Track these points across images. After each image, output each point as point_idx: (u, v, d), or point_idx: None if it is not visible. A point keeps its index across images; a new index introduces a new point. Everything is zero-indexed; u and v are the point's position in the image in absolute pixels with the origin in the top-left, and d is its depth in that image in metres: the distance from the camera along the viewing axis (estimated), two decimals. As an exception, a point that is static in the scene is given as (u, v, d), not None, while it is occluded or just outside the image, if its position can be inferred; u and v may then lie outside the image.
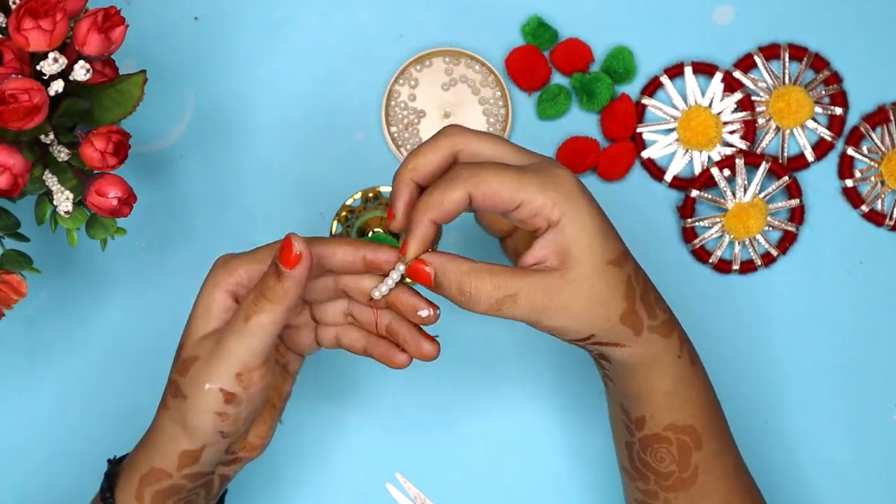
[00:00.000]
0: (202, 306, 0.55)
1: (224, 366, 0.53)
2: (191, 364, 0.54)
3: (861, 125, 0.74)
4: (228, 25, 0.74)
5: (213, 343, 0.53)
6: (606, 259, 0.53)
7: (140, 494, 0.55)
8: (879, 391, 0.74)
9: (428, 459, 0.73)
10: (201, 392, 0.53)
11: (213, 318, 0.54)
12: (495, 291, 0.52)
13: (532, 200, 0.52)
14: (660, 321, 0.56)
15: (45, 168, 0.59)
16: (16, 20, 0.53)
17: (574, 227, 0.52)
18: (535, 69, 0.73)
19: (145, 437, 0.57)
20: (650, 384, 0.57)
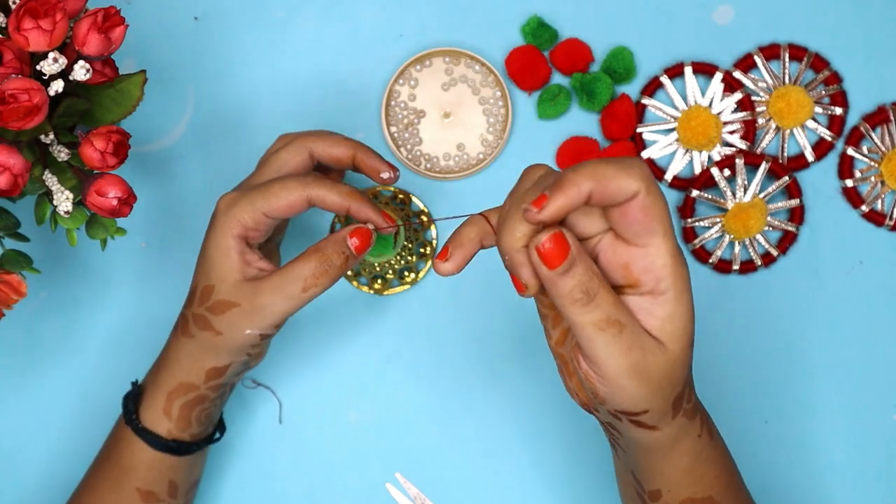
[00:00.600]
0: (221, 250, 0.60)
1: (269, 319, 0.60)
2: (228, 308, 0.60)
3: (861, 125, 0.74)
4: (228, 25, 0.74)
5: (255, 293, 0.59)
6: (691, 342, 0.50)
7: (168, 408, 0.62)
8: (880, 391, 0.74)
9: (428, 459, 0.73)
10: (240, 334, 0.60)
11: (236, 262, 0.60)
12: (612, 310, 0.47)
13: (657, 257, 0.47)
14: (692, 404, 0.53)
15: (44, 168, 0.59)
16: (16, 20, 0.53)
17: (679, 308, 0.48)
18: (535, 69, 0.73)
19: (162, 361, 0.64)
20: (668, 462, 0.54)
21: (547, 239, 0.45)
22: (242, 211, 0.60)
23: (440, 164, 0.74)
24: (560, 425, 0.73)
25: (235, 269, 0.60)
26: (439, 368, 0.74)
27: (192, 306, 0.62)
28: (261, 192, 0.60)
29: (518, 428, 0.73)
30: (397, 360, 0.74)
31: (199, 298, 0.61)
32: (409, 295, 0.74)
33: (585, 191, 0.45)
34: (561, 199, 0.45)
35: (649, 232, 0.46)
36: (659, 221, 0.46)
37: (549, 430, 0.73)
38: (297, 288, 0.59)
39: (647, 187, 0.45)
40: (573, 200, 0.45)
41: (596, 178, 0.45)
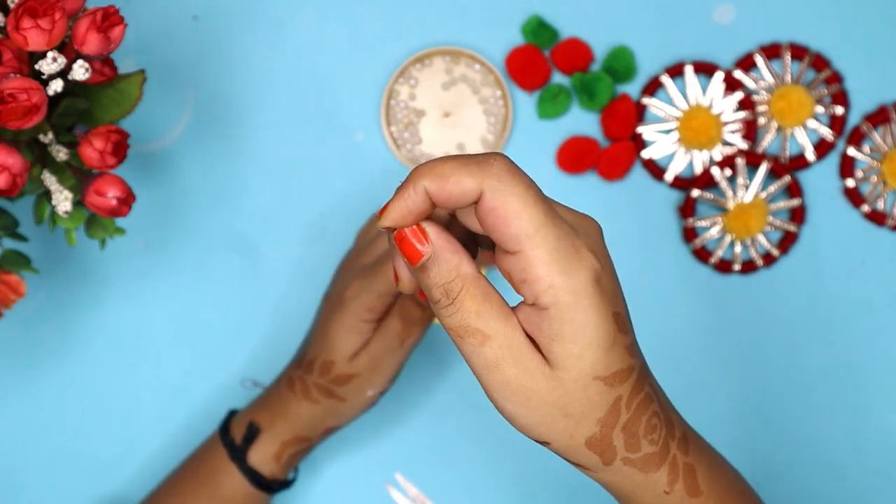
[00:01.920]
0: (348, 330, 0.65)
1: (384, 378, 0.66)
2: (350, 379, 0.65)
3: (862, 125, 0.74)
4: (228, 25, 0.74)
5: (369, 360, 0.65)
6: (596, 374, 0.43)
7: (279, 454, 0.67)
8: (880, 391, 0.74)
9: (428, 460, 0.73)
10: (364, 397, 0.66)
11: (356, 342, 0.65)
12: (473, 318, 0.43)
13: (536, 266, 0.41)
14: (642, 454, 0.45)
15: (43, 168, 0.58)
16: (14, 19, 0.53)
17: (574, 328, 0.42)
18: (536, 69, 0.73)
19: (281, 411, 0.67)
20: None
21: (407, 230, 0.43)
22: (367, 298, 0.64)
23: (440, 164, 0.74)
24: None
25: (356, 348, 0.65)
26: (440, 368, 0.74)
27: (312, 375, 0.66)
28: (381, 275, 0.64)
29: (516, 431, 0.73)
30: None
31: (318, 370, 0.66)
32: (409, 295, 0.74)
33: (420, 191, 0.42)
34: (395, 203, 0.42)
35: (510, 237, 0.41)
36: (518, 222, 0.41)
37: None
38: (395, 341, 0.65)
39: (491, 185, 0.41)
40: (408, 203, 0.42)
41: (433, 178, 0.42)
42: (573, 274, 0.41)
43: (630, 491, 0.46)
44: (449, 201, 0.42)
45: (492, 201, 0.41)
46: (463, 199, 0.42)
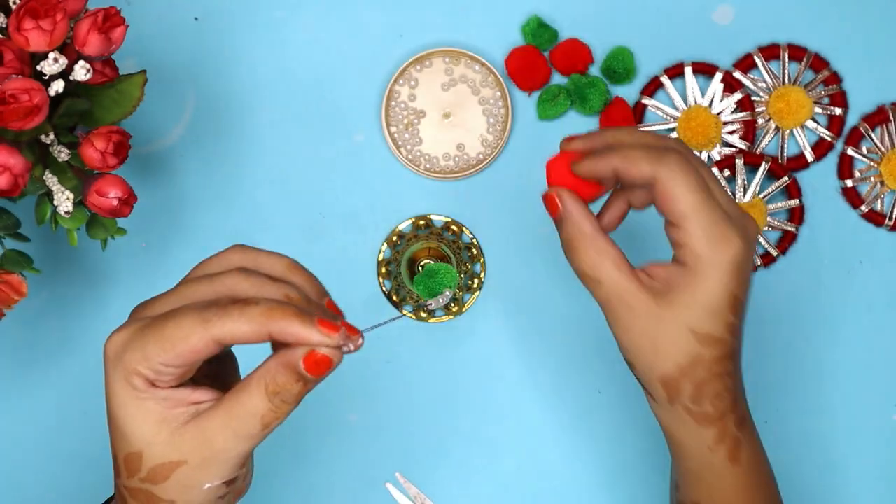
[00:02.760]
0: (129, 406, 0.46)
1: (229, 464, 0.46)
2: (171, 470, 0.46)
3: (861, 125, 0.74)
4: (228, 25, 0.74)
5: (201, 443, 0.45)
6: (691, 326, 0.52)
7: None
8: (880, 391, 0.74)
9: (428, 459, 0.73)
10: (199, 492, 0.47)
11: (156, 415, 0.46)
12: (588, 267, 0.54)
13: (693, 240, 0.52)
14: (701, 410, 0.54)
15: (45, 168, 0.59)
16: (16, 20, 0.53)
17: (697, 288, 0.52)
18: (535, 69, 0.73)
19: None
20: (679, 455, 0.56)
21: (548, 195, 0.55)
22: (135, 361, 0.45)
23: (440, 164, 0.74)
24: (560, 424, 0.73)
25: (163, 423, 0.46)
26: (441, 367, 0.74)
27: (121, 478, 0.48)
28: (155, 335, 0.45)
29: (518, 427, 0.73)
30: (397, 360, 0.74)
31: (125, 470, 0.47)
32: (409, 295, 0.74)
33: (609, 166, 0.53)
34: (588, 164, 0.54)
35: (673, 214, 0.52)
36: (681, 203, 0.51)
37: (549, 430, 0.73)
38: (255, 426, 0.45)
39: (665, 174, 0.51)
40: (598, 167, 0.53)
41: (623, 159, 0.52)
42: (715, 249, 0.51)
43: (682, 436, 0.55)
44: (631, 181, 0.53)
45: (663, 187, 0.52)
46: (641, 181, 0.52)
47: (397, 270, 0.73)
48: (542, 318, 0.74)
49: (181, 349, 0.44)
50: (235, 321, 0.43)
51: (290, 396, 0.45)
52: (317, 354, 0.44)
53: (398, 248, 0.73)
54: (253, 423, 0.45)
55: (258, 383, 0.45)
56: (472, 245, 0.74)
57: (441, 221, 0.74)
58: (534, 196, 0.74)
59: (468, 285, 0.73)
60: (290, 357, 0.45)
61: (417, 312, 0.73)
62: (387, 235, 0.73)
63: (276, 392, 0.45)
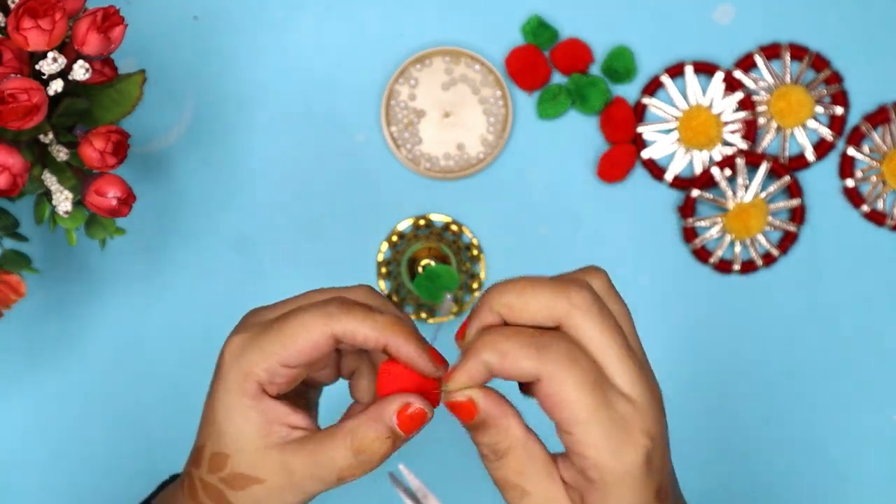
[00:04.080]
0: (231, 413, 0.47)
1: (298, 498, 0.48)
2: (249, 483, 0.47)
3: (862, 125, 0.74)
4: (228, 25, 0.74)
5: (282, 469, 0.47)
6: None
7: None
8: (880, 391, 0.74)
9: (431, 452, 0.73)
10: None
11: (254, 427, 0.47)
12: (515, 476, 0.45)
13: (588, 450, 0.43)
14: None
15: (44, 168, 0.59)
16: (15, 20, 0.53)
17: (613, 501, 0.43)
18: (536, 69, 0.73)
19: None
20: None
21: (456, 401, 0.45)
22: (253, 362, 0.46)
23: (440, 164, 0.74)
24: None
25: (257, 436, 0.47)
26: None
27: (200, 470, 0.49)
28: (275, 333, 0.46)
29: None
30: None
31: (208, 464, 0.48)
32: (410, 295, 0.74)
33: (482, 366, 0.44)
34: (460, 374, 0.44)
35: (563, 421, 0.43)
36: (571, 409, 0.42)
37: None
38: (332, 477, 0.47)
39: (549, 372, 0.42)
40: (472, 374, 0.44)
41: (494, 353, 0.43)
42: (621, 457, 0.42)
43: None
44: (509, 377, 0.43)
45: (548, 388, 0.42)
46: (522, 378, 0.43)
47: (397, 270, 0.73)
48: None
49: (302, 345, 0.45)
50: (359, 322, 0.46)
51: (374, 455, 0.46)
52: (413, 409, 0.46)
53: (398, 247, 0.73)
54: (330, 474, 0.46)
55: (343, 439, 0.46)
56: (473, 245, 0.73)
57: (441, 222, 0.73)
58: (534, 196, 0.74)
59: (468, 285, 0.73)
60: (383, 411, 0.46)
61: (418, 313, 0.73)
62: (387, 235, 0.73)
63: (361, 450, 0.46)
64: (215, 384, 0.48)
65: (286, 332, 0.46)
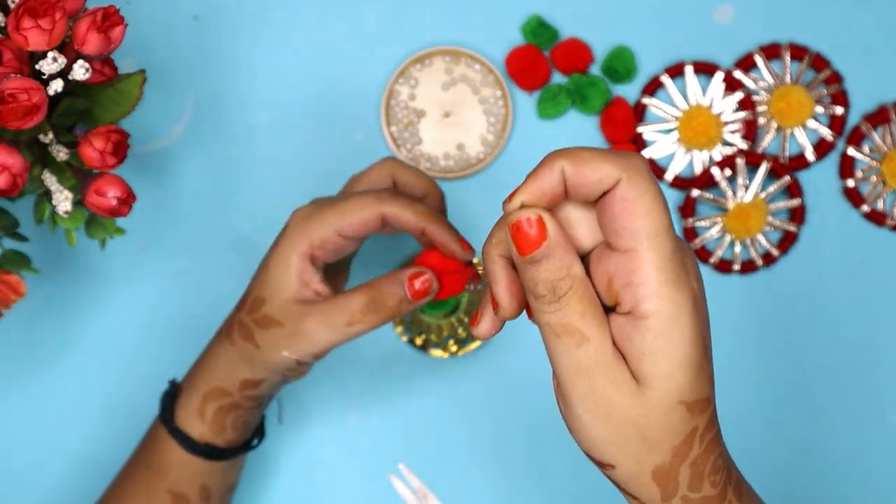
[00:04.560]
0: (282, 265, 0.58)
1: (309, 347, 0.57)
2: (272, 325, 0.58)
3: (862, 125, 0.74)
4: (228, 25, 0.74)
5: (301, 317, 0.57)
6: (682, 398, 0.40)
7: (202, 410, 0.61)
8: (880, 392, 0.74)
9: (432, 451, 0.73)
10: (277, 354, 0.58)
11: (293, 280, 0.58)
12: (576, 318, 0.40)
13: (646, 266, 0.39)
14: (701, 496, 0.43)
15: (44, 168, 0.59)
16: (15, 19, 0.53)
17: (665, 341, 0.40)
18: (536, 69, 0.73)
19: (202, 361, 0.62)
20: None
21: (524, 219, 0.40)
22: (313, 228, 0.58)
23: (440, 164, 0.74)
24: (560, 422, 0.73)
25: (291, 288, 0.58)
26: (441, 365, 0.74)
27: (241, 312, 0.60)
28: (335, 207, 0.58)
29: (518, 424, 0.73)
30: (398, 360, 0.74)
31: (249, 306, 0.59)
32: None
33: (557, 172, 0.40)
34: (530, 182, 0.40)
35: (631, 232, 0.39)
36: (644, 219, 0.39)
37: (552, 425, 0.73)
38: (342, 320, 0.57)
39: (630, 177, 0.39)
40: (543, 182, 0.40)
41: (572, 161, 0.40)
42: (679, 287, 0.39)
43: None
44: (584, 187, 0.40)
45: (627, 191, 0.39)
46: (599, 186, 0.40)
47: None
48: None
49: (357, 218, 0.57)
50: (404, 208, 0.57)
51: (382, 309, 0.57)
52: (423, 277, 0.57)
53: None
54: (341, 319, 0.56)
55: (362, 289, 0.57)
56: None
57: None
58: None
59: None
60: (400, 275, 0.57)
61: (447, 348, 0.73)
62: None
63: (374, 299, 0.57)
64: (277, 240, 0.59)
65: (346, 208, 0.57)
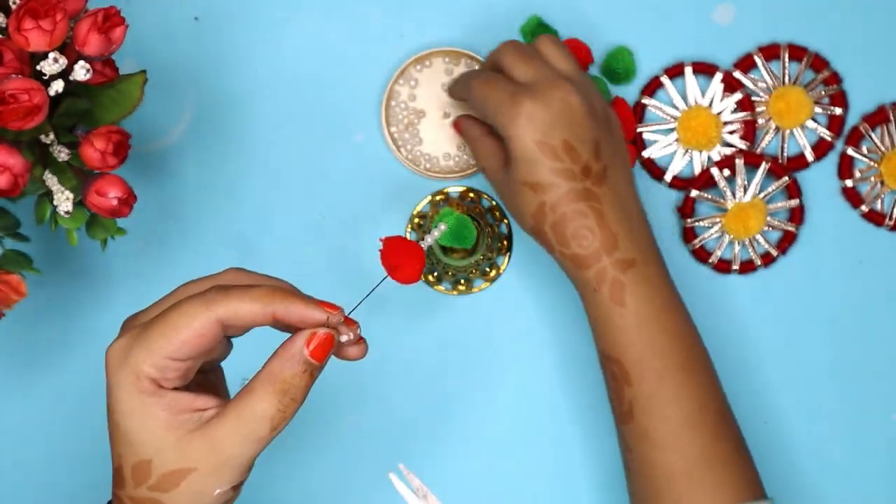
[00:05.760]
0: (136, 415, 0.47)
1: (239, 469, 0.47)
2: (182, 477, 0.47)
3: (861, 125, 0.74)
4: (228, 25, 0.74)
5: (211, 449, 0.46)
6: (522, 180, 0.62)
7: None
8: (880, 391, 0.74)
9: (432, 451, 0.73)
10: (209, 499, 0.47)
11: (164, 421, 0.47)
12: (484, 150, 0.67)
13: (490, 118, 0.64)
14: (571, 251, 0.62)
15: (45, 168, 0.59)
16: (16, 20, 0.53)
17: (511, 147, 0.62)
18: (535, 69, 0.73)
19: None
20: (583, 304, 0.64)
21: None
22: (140, 360, 0.46)
23: (440, 164, 0.74)
24: (560, 421, 0.73)
25: (170, 428, 0.47)
26: (445, 359, 0.74)
27: (126, 489, 0.48)
28: (158, 328, 0.46)
29: (519, 424, 0.73)
30: (397, 358, 0.74)
31: (132, 479, 0.48)
32: (414, 294, 0.74)
33: None
34: None
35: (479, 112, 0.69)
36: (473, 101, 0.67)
37: (551, 426, 0.73)
38: (264, 429, 0.47)
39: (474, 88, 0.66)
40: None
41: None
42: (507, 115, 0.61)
43: (574, 279, 0.63)
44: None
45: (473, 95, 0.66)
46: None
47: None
48: (553, 314, 0.74)
49: (186, 335, 0.46)
50: (240, 300, 0.46)
51: (297, 392, 0.46)
52: (319, 336, 0.47)
53: (423, 228, 0.73)
54: (263, 427, 0.46)
55: (263, 386, 0.46)
56: (494, 207, 0.73)
57: (457, 192, 0.73)
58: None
59: (498, 247, 0.73)
60: (292, 348, 0.47)
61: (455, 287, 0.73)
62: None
63: (285, 390, 0.46)
64: (109, 397, 0.47)
65: (169, 325, 0.46)
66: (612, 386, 0.63)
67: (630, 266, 0.61)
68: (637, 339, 0.61)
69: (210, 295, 0.47)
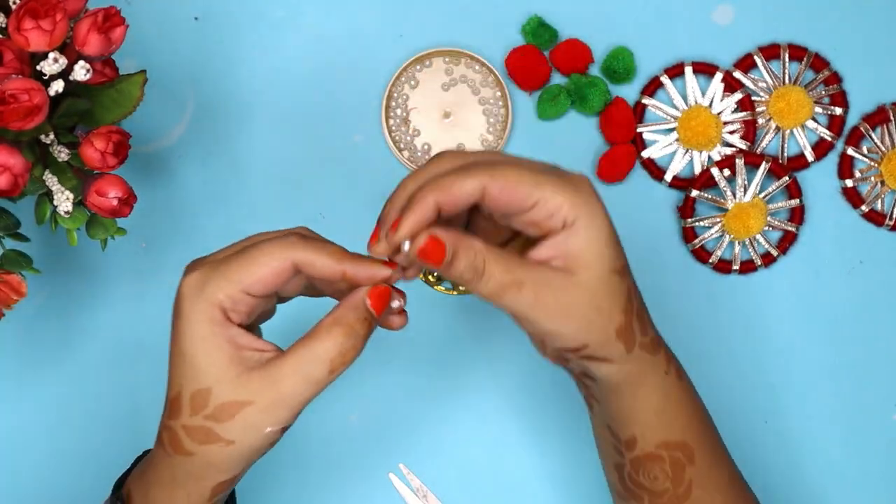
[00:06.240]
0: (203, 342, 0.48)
1: (293, 410, 0.49)
2: (238, 409, 0.48)
3: (861, 125, 0.74)
4: (228, 25, 0.74)
5: (270, 384, 0.48)
6: (613, 268, 0.50)
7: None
8: (879, 391, 0.74)
9: (432, 451, 0.73)
10: (260, 435, 0.49)
11: (228, 353, 0.48)
12: (504, 275, 0.48)
13: (549, 199, 0.48)
14: (650, 338, 0.53)
15: (45, 168, 0.59)
16: (16, 20, 0.53)
17: (590, 233, 0.49)
18: (535, 69, 0.73)
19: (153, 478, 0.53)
20: (639, 402, 0.54)
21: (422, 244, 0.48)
22: (216, 289, 0.48)
23: (440, 164, 0.74)
24: (562, 421, 0.73)
25: (232, 362, 0.48)
26: (445, 358, 0.74)
27: (181, 417, 0.49)
28: (236, 261, 0.49)
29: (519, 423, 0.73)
30: (398, 359, 0.74)
31: (189, 407, 0.49)
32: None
33: (432, 205, 0.47)
34: (410, 219, 0.48)
35: (526, 198, 0.48)
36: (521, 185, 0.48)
37: (551, 426, 0.73)
38: (323, 371, 0.48)
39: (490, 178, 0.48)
40: (423, 219, 0.48)
41: (439, 190, 0.48)
42: (577, 190, 0.49)
43: (642, 373, 0.53)
44: (458, 207, 0.48)
45: (495, 187, 0.48)
46: (470, 200, 0.48)
47: None
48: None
49: (265, 272, 0.49)
50: (317, 251, 0.50)
51: (358, 339, 0.49)
52: (379, 288, 0.50)
53: None
54: (322, 368, 0.48)
55: (328, 328, 0.49)
56: None
57: None
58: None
59: None
60: (355, 297, 0.50)
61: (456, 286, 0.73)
62: None
63: (347, 334, 0.49)
64: (179, 324, 0.49)
65: (250, 260, 0.49)
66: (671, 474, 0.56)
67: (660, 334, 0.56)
68: (695, 412, 0.56)
69: (292, 239, 0.50)
